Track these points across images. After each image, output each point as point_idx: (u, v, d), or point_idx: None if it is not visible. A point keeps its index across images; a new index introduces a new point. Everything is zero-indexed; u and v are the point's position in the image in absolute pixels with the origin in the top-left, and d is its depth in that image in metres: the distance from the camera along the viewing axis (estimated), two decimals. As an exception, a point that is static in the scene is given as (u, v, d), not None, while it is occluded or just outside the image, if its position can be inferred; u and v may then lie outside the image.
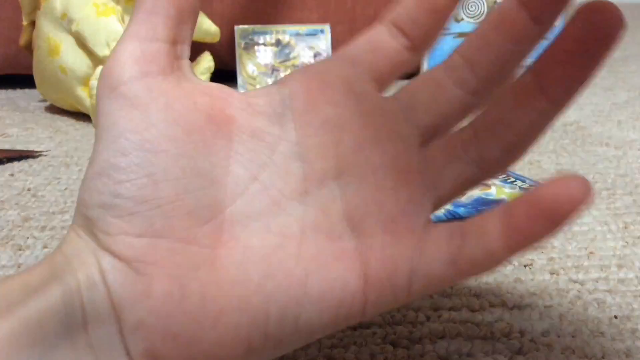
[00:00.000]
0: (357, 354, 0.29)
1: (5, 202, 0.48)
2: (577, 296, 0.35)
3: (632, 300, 0.34)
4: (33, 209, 0.47)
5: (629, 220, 0.45)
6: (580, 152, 0.60)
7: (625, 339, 0.31)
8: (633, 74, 0.99)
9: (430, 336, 0.31)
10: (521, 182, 0.49)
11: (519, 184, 0.48)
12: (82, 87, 0.69)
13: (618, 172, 0.54)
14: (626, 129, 0.68)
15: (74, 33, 0.67)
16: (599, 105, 0.79)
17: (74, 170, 0.55)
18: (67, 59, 0.68)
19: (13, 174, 0.55)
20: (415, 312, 0.33)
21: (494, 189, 0.47)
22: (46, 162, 0.58)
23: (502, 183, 0.48)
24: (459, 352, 0.30)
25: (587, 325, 0.32)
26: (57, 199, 0.49)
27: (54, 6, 0.68)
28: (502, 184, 0.48)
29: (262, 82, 0.86)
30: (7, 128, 0.69)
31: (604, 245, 0.41)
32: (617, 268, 0.38)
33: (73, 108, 0.73)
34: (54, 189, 0.51)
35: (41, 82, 0.73)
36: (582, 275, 0.37)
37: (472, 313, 0.33)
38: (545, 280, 0.36)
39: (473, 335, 0.31)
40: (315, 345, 0.30)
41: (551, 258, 0.39)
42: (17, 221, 0.45)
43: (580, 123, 0.70)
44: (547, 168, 0.55)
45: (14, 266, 0.38)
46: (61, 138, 0.65)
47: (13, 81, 0.89)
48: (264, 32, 0.87)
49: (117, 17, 0.67)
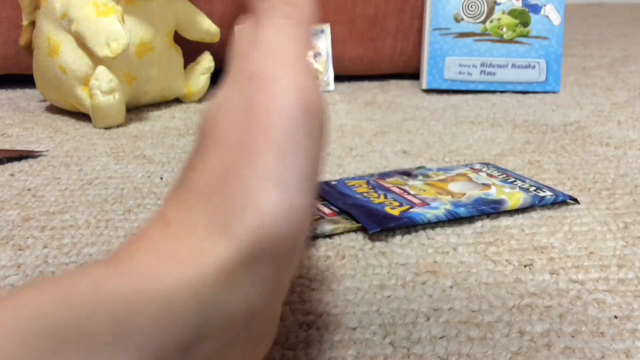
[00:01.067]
0: (357, 354, 0.30)
1: (5, 202, 0.48)
2: (577, 296, 0.35)
3: (632, 300, 0.34)
4: (33, 209, 0.47)
5: (629, 220, 0.45)
6: (580, 152, 0.60)
7: (625, 339, 0.31)
8: (633, 74, 0.99)
9: (430, 336, 0.31)
10: (521, 182, 0.49)
11: (519, 184, 0.48)
12: (82, 87, 0.69)
13: (618, 172, 0.54)
14: (626, 129, 0.68)
15: (74, 33, 0.67)
16: (599, 105, 0.79)
17: (74, 170, 0.55)
18: (67, 59, 0.68)
19: (13, 174, 0.55)
20: (415, 313, 0.33)
21: (494, 189, 0.47)
22: (46, 162, 0.58)
23: (502, 183, 0.48)
24: (459, 352, 0.30)
25: (587, 325, 0.32)
26: (57, 199, 0.49)
27: (54, 6, 0.68)
28: (502, 184, 0.48)
29: (262, 82, 0.86)
30: (7, 128, 0.69)
31: (604, 245, 0.41)
32: (617, 268, 0.38)
33: (73, 108, 0.73)
34: (54, 189, 0.51)
35: (41, 82, 0.73)
36: (582, 275, 0.37)
37: (472, 313, 0.33)
38: (545, 280, 0.36)
39: (473, 336, 0.31)
40: (315, 346, 0.30)
41: (551, 258, 0.39)
42: (17, 221, 0.45)
43: (580, 123, 0.70)
44: (547, 168, 0.56)
45: (14, 266, 0.38)
46: (61, 138, 0.65)
47: (13, 81, 0.89)
48: (264, 32, 0.87)
49: (117, 17, 0.67)
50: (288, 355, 0.29)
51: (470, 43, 0.84)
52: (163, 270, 0.19)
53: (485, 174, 0.51)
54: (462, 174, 0.51)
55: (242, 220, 0.21)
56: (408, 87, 0.90)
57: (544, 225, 0.44)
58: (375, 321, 0.32)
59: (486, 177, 0.50)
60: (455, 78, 0.85)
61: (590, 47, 1.25)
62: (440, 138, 0.65)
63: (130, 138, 0.65)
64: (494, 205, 0.44)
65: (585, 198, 0.49)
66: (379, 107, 0.78)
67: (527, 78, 0.85)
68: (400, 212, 0.42)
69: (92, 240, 0.42)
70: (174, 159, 0.59)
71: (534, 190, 0.47)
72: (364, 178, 0.49)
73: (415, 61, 0.92)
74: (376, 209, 0.42)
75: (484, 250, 0.40)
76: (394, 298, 0.34)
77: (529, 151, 0.60)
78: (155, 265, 0.20)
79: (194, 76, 0.79)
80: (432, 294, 0.35)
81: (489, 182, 0.49)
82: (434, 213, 0.42)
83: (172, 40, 0.77)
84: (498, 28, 0.84)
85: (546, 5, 0.85)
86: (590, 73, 1.00)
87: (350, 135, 0.66)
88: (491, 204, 0.45)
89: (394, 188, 0.47)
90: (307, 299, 0.34)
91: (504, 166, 0.56)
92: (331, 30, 0.89)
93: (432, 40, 0.84)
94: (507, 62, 0.84)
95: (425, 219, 0.42)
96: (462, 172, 0.51)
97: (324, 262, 0.38)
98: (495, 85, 0.85)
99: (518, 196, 0.45)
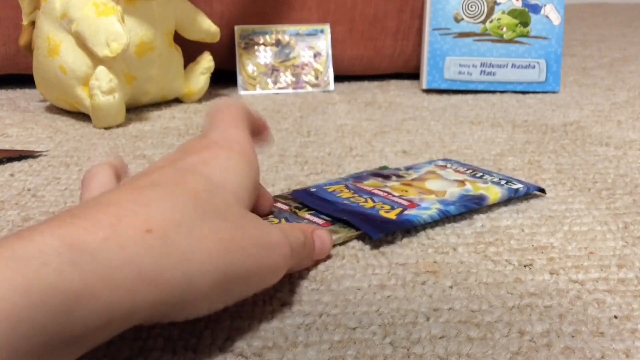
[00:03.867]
0: (357, 354, 0.30)
1: (5, 202, 0.48)
2: (577, 296, 0.35)
3: (632, 300, 0.34)
4: (33, 209, 0.47)
5: (629, 220, 0.45)
6: (580, 152, 0.60)
7: (625, 339, 0.31)
8: (633, 74, 0.99)
9: (430, 336, 0.31)
10: (489, 176, 0.50)
11: (489, 178, 0.50)
12: (82, 87, 0.69)
13: (618, 172, 0.54)
14: (626, 129, 0.68)
15: (74, 33, 0.67)
16: (599, 105, 0.79)
17: (74, 170, 0.55)
18: (67, 59, 0.68)
19: (13, 174, 0.55)
20: (415, 313, 0.33)
21: (469, 185, 0.48)
22: (46, 162, 0.58)
23: (473, 178, 0.50)
24: (459, 352, 0.30)
25: (587, 325, 0.32)
26: (57, 199, 0.49)
27: (54, 6, 0.68)
28: (473, 179, 0.50)
29: (262, 82, 0.86)
30: (7, 128, 0.69)
31: (604, 245, 0.41)
32: (617, 268, 0.38)
33: (73, 108, 0.73)
34: (54, 189, 0.51)
35: (41, 82, 0.73)
36: (582, 275, 0.37)
37: (472, 313, 0.33)
38: (545, 280, 0.36)
39: (473, 336, 0.31)
40: (315, 346, 0.30)
41: (551, 258, 0.39)
42: (17, 221, 0.45)
43: (580, 123, 0.70)
44: (547, 168, 0.56)
45: (14, 266, 0.38)
46: (61, 138, 0.65)
47: (13, 81, 0.89)
48: (264, 32, 0.87)
49: (117, 17, 0.67)
50: (288, 355, 0.29)
51: (470, 43, 0.84)
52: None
53: (452, 170, 0.51)
54: (431, 171, 0.51)
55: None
56: (408, 87, 0.90)
57: (544, 225, 0.44)
58: (375, 321, 0.32)
59: (454, 173, 0.51)
60: (455, 78, 0.85)
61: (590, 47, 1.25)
62: (440, 138, 0.65)
63: (130, 138, 0.65)
64: (478, 201, 0.45)
65: (585, 198, 0.49)
66: (379, 107, 0.78)
67: (527, 78, 0.85)
68: (396, 215, 0.42)
69: (92, 240, 0.42)
70: (174, 159, 0.59)
71: (506, 184, 0.48)
72: (340, 182, 0.48)
73: (415, 61, 0.92)
74: (372, 214, 0.42)
75: (483, 250, 0.40)
76: (393, 298, 0.34)
77: (529, 151, 0.60)
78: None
79: (194, 76, 0.79)
80: (432, 294, 0.35)
81: (460, 178, 0.49)
82: (428, 214, 0.42)
83: (172, 40, 0.77)
84: (498, 28, 0.84)
85: (546, 5, 0.85)
86: (590, 73, 1.00)
87: (350, 135, 0.66)
88: (474, 200, 0.46)
89: (376, 191, 0.46)
90: (306, 299, 0.34)
91: (504, 166, 0.56)
92: (331, 30, 0.89)
93: (432, 40, 0.84)
94: (507, 62, 0.84)
95: (421, 220, 0.42)
96: (430, 170, 0.52)
97: (324, 262, 0.38)
98: (495, 85, 0.85)
99: (495, 190, 0.47)
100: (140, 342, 0.30)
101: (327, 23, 0.88)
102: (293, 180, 0.53)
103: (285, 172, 0.55)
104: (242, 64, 0.86)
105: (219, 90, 0.86)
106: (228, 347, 0.30)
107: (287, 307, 0.33)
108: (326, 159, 0.58)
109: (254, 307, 0.33)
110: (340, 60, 0.90)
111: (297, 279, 0.36)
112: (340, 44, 0.90)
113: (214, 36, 0.79)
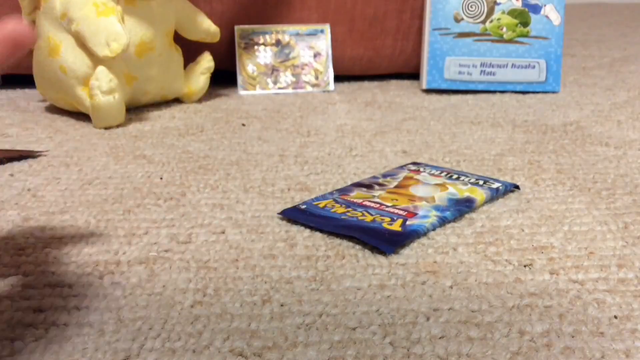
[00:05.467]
0: (357, 354, 0.30)
1: (5, 202, 0.48)
2: (577, 296, 0.35)
3: (632, 300, 0.34)
4: (33, 209, 0.47)
5: (629, 220, 0.45)
6: (580, 152, 0.60)
7: (625, 339, 0.31)
8: (633, 74, 0.99)
9: (429, 336, 0.31)
10: (465, 177, 0.51)
11: (467, 180, 0.51)
12: (82, 87, 0.69)
13: (618, 172, 0.55)
14: (626, 129, 0.68)
15: (74, 33, 0.67)
16: (599, 105, 0.79)
17: (74, 170, 0.55)
18: (67, 59, 0.68)
19: (13, 174, 0.55)
20: (415, 313, 0.33)
21: (452, 189, 0.49)
22: (46, 162, 0.58)
23: (452, 181, 0.50)
24: (459, 352, 0.30)
25: (587, 325, 0.32)
26: (57, 199, 0.49)
27: (54, 6, 0.68)
28: (452, 181, 0.50)
29: (262, 82, 0.86)
30: (7, 128, 0.69)
31: (604, 245, 0.41)
32: (617, 268, 0.38)
33: (73, 108, 0.73)
34: (54, 189, 0.51)
35: (41, 82, 0.73)
36: (582, 275, 0.37)
37: (472, 313, 0.33)
38: (545, 280, 0.36)
39: (473, 336, 0.31)
40: (315, 346, 0.30)
41: (551, 258, 0.39)
42: (17, 221, 0.45)
43: (580, 123, 0.71)
44: (547, 168, 0.56)
45: (14, 266, 0.38)
46: (61, 138, 0.65)
47: (13, 81, 0.89)
48: (264, 32, 0.87)
49: (117, 17, 0.67)
50: (288, 355, 0.29)
51: (470, 43, 0.84)
52: None
53: (427, 174, 0.52)
54: (408, 177, 0.52)
55: None
56: (408, 87, 0.90)
57: (544, 225, 0.44)
58: (375, 321, 0.32)
59: (430, 176, 0.51)
60: (455, 78, 0.85)
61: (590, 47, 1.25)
62: (440, 138, 0.65)
63: (130, 138, 0.65)
64: (467, 204, 0.46)
65: (585, 198, 0.49)
66: (379, 107, 0.78)
67: (527, 78, 0.85)
68: (400, 226, 0.42)
69: (92, 240, 0.42)
70: (174, 159, 0.59)
71: (485, 184, 0.49)
72: (327, 197, 0.48)
73: (415, 61, 0.92)
74: (377, 228, 0.42)
75: (484, 250, 0.40)
76: (393, 298, 0.34)
77: (529, 151, 0.60)
78: None
79: (193, 76, 0.79)
80: (431, 294, 0.35)
81: (439, 181, 0.50)
82: (429, 222, 0.43)
83: (172, 40, 0.77)
84: (498, 28, 0.84)
85: (546, 5, 0.85)
86: (590, 73, 1.00)
87: (350, 135, 0.66)
88: (465, 203, 0.46)
89: (366, 203, 0.46)
90: (306, 299, 0.34)
91: (504, 166, 0.56)
92: (331, 30, 0.89)
93: (432, 40, 0.84)
94: (507, 62, 0.84)
95: (425, 229, 0.42)
96: (406, 176, 0.52)
97: (324, 262, 0.38)
98: (495, 85, 0.85)
99: (479, 192, 0.48)
100: (140, 342, 0.30)
101: (327, 23, 0.88)
102: (293, 180, 0.53)
103: (285, 172, 0.55)
104: (242, 64, 0.86)
105: (219, 90, 0.86)
106: (228, 347, 0.30)
107: (287, 307, 0.33)
108: (326, 159, 0.58)
109: (253, 307, 0.33)
110: (340, 60, 0.90)
111: (297, 279, 0.36)
112: (340, 44, 0.90)
113: (214, 36, 0.80)
